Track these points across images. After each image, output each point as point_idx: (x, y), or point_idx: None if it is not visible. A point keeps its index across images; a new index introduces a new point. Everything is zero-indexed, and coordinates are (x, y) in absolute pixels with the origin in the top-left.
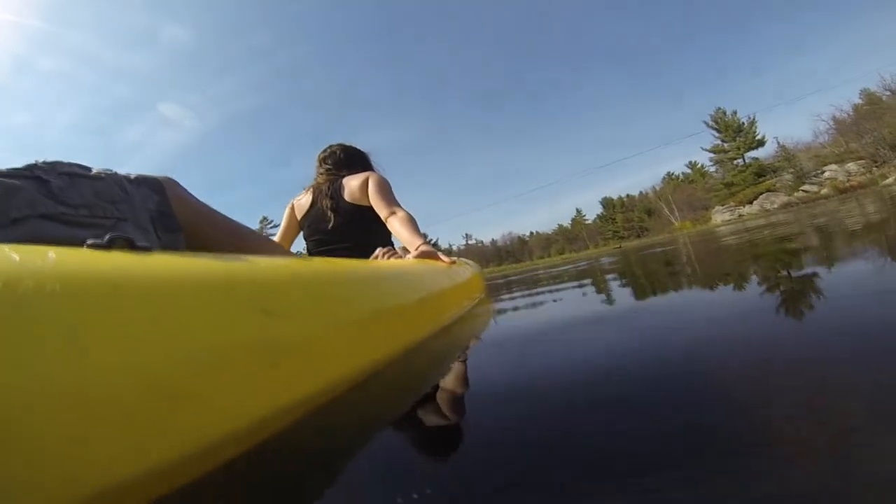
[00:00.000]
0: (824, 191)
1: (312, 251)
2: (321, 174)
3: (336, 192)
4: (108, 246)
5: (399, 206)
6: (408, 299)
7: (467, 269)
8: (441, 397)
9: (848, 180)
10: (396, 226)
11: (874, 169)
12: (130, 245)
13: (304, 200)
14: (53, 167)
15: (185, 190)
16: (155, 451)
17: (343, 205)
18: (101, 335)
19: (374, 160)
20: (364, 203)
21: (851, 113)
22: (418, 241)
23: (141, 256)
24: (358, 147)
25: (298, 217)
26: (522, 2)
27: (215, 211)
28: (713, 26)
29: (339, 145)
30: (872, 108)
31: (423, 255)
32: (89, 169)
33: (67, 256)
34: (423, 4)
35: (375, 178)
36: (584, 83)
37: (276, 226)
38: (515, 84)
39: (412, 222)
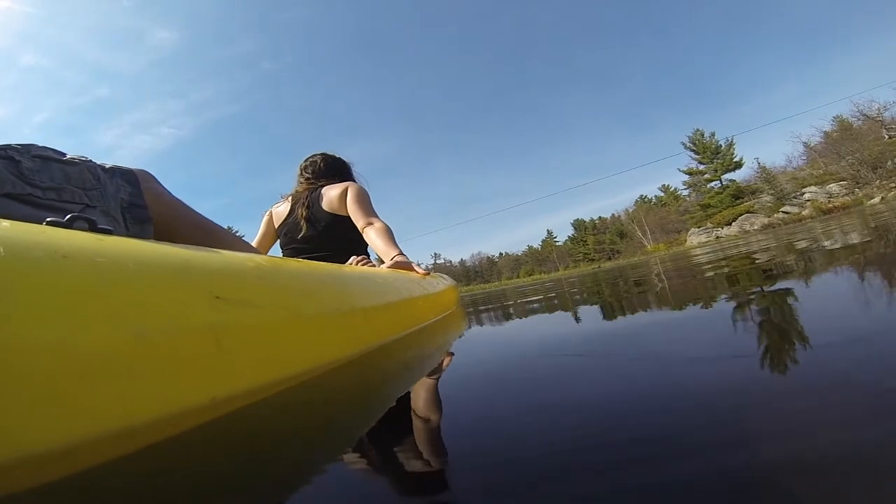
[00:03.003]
0: (806, 212)
1: None
2: (301, 183)
3: (314, 201)
4: (68, 225)
5: (377, 216)
6: (373, 301)
7: (441, 282)
8: (395, 409)
9: (829, 201)
10: (372, 236)
11: (856, 190)
12: (91, 226)
13: (282, 208)
14: (28, 149)
15: (160, 184)
16: (81, 425)
17: (320, 214)
18: (41, 302)
19: (355, 171)
20: (342, 213)
21: (822, 140)
22: (393, 252)
23: (99, 237)
24: (340, 157)
25: (276, 225)
26: (502, 23)
27: (189, 207)
28: (690, 53)
29: (321, 155)
30: (843, 135)
31: (397, 266)
32: (64, 154)
33: (21, 227)
34: (403, 22)
35: (355, 189)
36: (559, 106)
37: (241, 236)
38: (490, 104)
39: (388, 233)
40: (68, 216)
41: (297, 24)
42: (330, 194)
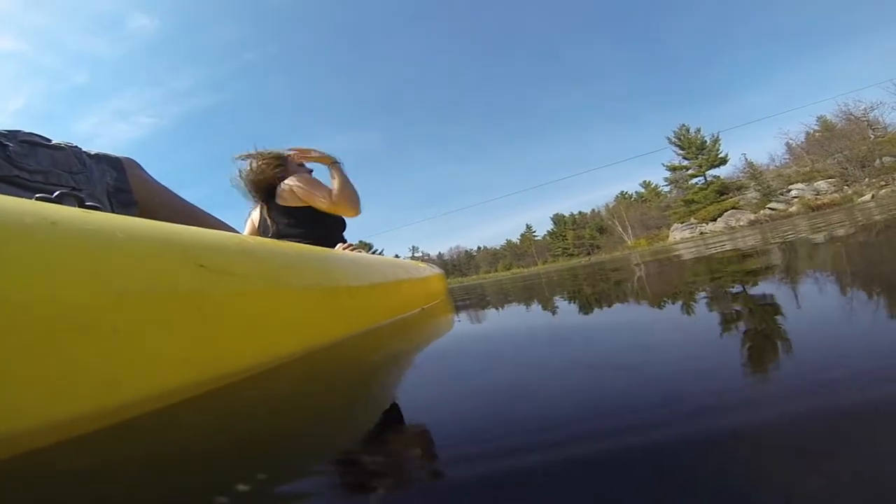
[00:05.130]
0: (793, 209)
1: None
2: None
3: (273, 202)
4: (58, 201)
5: (328, 191)
6: (359, 281)
7: (428, 269)
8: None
9: (817, 198)
10: (343, 195)
11: (845, 187)
12: (79, 202)
13: (256, 213)
14: (14, 134)
15: (145, 171)
16: (66, 382)
17: (280, 212)
18: (27, 261)
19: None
20: (299, 205)
21: (803, 141)
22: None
23: (87, 211)
24: (269, 155)
25: (256, 228)
26: (486, 18)
27: (174, 193)
28: (674, 50)
29: (248, 169)
30: (825, 135)
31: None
32: (49, 140)
33: (10, 199)
34: (387, 14)
35: (297, 180)
36: (540, 100)
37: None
38: (471, 98)
39: (347, 186)
40: (57, 192)
41: (280, 12)
42: (282, 190)
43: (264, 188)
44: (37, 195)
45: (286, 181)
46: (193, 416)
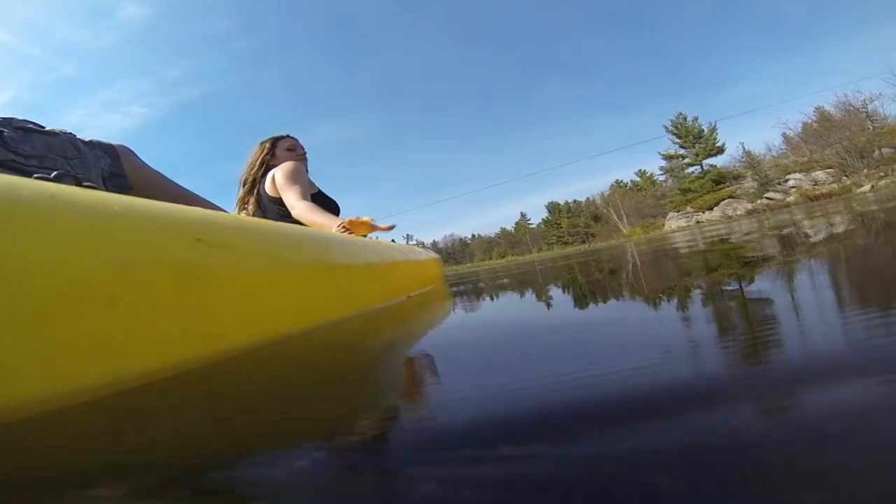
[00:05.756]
0: (791, 198)
1: None
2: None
3: (256, 190)
4: (56, 180)
5: (299, 197)
6: (355, 260)
7: (424, 253)
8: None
9: (815, 188)
10: (305, 219)
11: (843, 178)
12: (77, 182)
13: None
14: (9, 121)
15: (139, 157)
16: (65, 350)
17: (262, 200)
18: (31, 231)
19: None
20: (278, 195)
21: (801, 132)
22: (335, 223)
23: (85, 189)
24: (283, 136)
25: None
26: (482, 6)
27: (169, 179)
28: (671, 40)
29: (269, 139)
30: (823, 126)
31: (351, 227)
32: (44, 127)
33: (8, 177)
34: (383, 3)
35: (279, 172)
36: (536, 88)
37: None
38: (466, 87)
39: (312, 210)
40: (55, 173)
41: (272, 1)
42: (267, 180)
43: (251, 181)
44: (35, 175)
45: (273, 170)
46: (187, 390)
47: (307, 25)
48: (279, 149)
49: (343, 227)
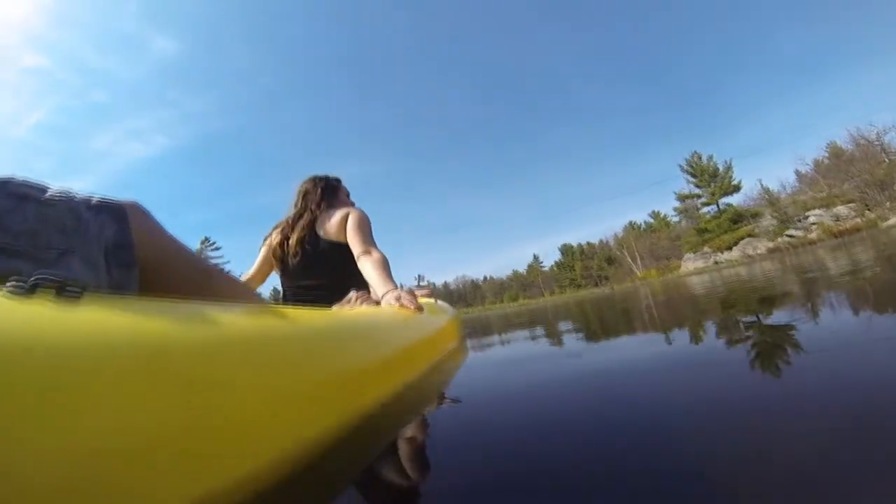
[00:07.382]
0: (813, 235)
1: (286, 288)
2: (296, 209)
3: (310, 228)
4: (32, 290)
5: (374, 246)
6: (369, 361)
7: (441, 318)
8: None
9: (837, 224)
10: (368, 268)
11: (866, 212)
12: (58, 289)
13: (275, 237)
14: (5, 185)
15: (152, 218)
16: None
17: (317, 242)
18: None
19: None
20: (341, 240)
21: (812, 168)
22: (386, 288)
23: (62, 309)
24: (335, 178)
25: (273, 254)
26: (495, 54)
27: (181, 244)
28: (682, 81)
29: (324, 179)
30: (834, 162)
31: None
32: (45, 190)
33: None
34: (400, 48)
35: (356, 215)
36: (550, 133)
37: (218, 248)
38: (481, 132)
39: (384, 266)
40: (32, 279)
41: (296, 43)
42: (329, 221)
43: (328, 197)
44: (7, 285)
45: (340, 210)
46: None
47: (326, 69)
48: (342, 192)
49: (385, 300)
